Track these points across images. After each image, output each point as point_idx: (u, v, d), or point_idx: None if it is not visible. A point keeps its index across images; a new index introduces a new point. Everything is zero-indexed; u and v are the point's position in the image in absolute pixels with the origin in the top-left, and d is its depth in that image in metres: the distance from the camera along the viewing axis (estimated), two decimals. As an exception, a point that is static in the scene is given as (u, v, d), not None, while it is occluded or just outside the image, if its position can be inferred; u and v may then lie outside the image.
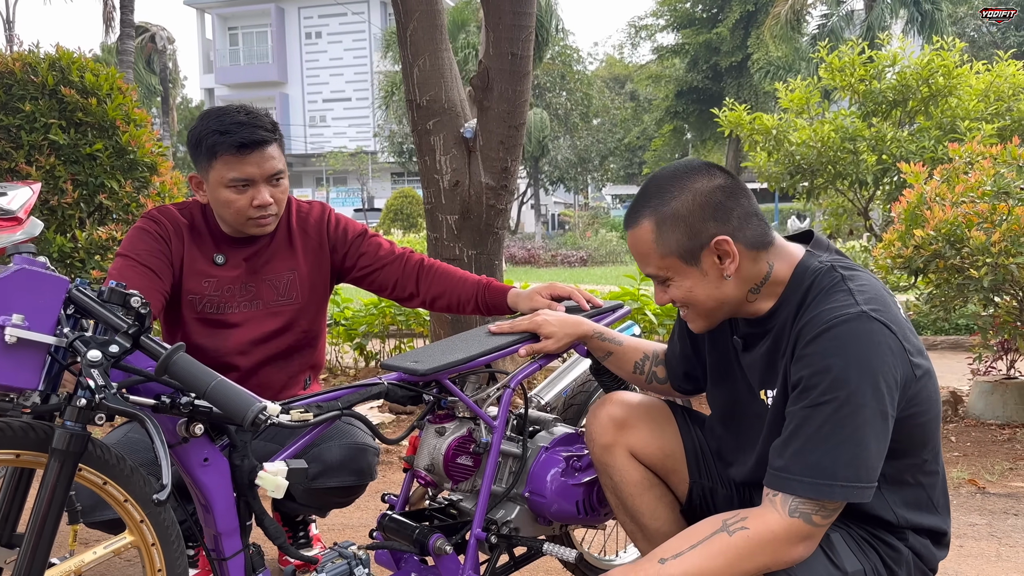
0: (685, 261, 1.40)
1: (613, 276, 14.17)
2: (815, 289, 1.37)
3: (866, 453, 1.26)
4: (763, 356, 1.46)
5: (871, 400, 1.25)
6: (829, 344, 1.27)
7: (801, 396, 1.29)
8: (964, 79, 6.18)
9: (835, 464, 1.25)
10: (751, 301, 1.44)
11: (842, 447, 1.25)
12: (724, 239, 1.38)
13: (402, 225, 22.95)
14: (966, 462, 3.51)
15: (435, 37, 3.66)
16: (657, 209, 1.41)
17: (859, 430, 1.25)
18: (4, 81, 4.23)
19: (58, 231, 4.25)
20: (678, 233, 1.39)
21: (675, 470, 1.69)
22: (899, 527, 1.39)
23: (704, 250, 1.39)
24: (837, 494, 1.26)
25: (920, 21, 20.80)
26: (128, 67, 17.38)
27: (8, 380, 1.24)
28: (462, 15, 23.10)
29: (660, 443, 1.68)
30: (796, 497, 1.28)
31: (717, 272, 1.40)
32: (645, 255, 1.44)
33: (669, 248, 1.40)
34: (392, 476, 3.37)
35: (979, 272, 3.53)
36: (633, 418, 1.69)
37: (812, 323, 1.31)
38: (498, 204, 3.72)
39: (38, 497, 1.31)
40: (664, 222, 1.40)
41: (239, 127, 1.88)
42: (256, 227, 1.98)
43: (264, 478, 1.44)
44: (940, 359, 6.00)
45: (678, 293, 1.44)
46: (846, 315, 1.28)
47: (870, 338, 1.26)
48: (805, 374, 1.29)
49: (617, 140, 33.93)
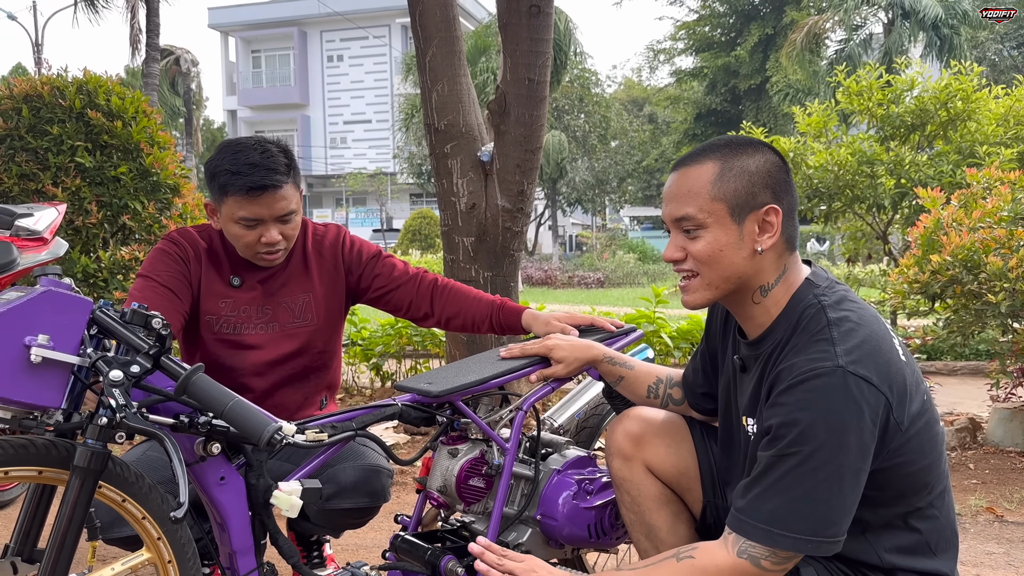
0: (732, 214, 1.37)
1: (630, 298, 14.15)
2: (801, 330, 1.36)
3: (825, 508, 1.25)
4: (752, 383, 1.46)
5: (837, 456, 1.24)
6: (801, 397, 1.27)
7: (769, 444, 1.30)
8: (983, 103, 6.17)
9: (790, 516, 1.26)
10: (756, 302, 1.42)
11: (800, 501, 1.26)
12: (775, 208, 1.37)
13: (420, 246, 23.06)
14: (984, 490, 3.47)
15: (453, 63, 3.72)
16: (727, 157, 1.39)
17: (820, 486, 1.25)
18: (33, 104, 4.33)
19: (82, 251, 4.32)
20: (739, 184, 1.37)
21: (689, 488, 1.69)
22: (887, 569, 1.37)
23: (752, 212, 1.37)
24: (787, 544, 1.26)
25: (939, 46, 20.75)
26: (153, 89, 17.66)
27: (33, 398, 1.27)
28: (483, 40, 23.30)
29: (675, 460, 1.69)
30: (747, 540, 1.29)
31: (751, 241, 1.38)
32: (694, 193, 1.38)
33: (724, 193, 1.37)
34: (406, 497, 3.38)
35: (997, 297, 3.51)
36: (650, 434, 1.70)
37: (788, 371, 1.31)
38: (514, 227, 3.75)
39: (59, 513, 1.34)
40: (731, 169, 1.38)
41: (251, 169, 1.88)
42: (263, 261, 2.02)
43: (279, 497, 1.46)
44: (959, 385, 5.94)
45: (702, 247, 1.38)
46: (821, 368, 1.26)
47: (844, 393, 1.24)
48: (775, 423, 1.30)
49: (635, 162, 33.98)
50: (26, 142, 4.26)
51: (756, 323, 1.44)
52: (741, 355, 1.52)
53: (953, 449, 4.05)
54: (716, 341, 1.67)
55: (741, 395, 1.51)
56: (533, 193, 3.82)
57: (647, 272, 21.84)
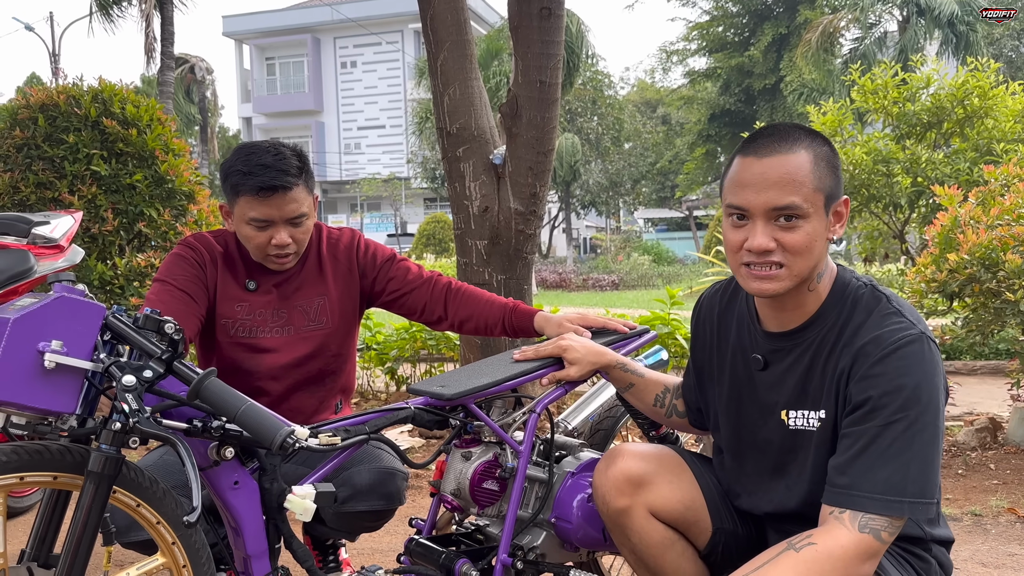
0: (826, 204, 1.37)
1: (644, 300, 14.11)
2: (859, 308, 1.38)
3: (930, 470, 1.29)
4: (791, 374, 1.44)
5: (935, 419, 1.29)
6: (899, 364, 1.30)
7: (870, 415, 1.31)
8: (1000, 100, 6.10)
9: (904, 481, 1.27)
10: (811, 290, 1.42)
11: (911, 464, 1.27)
12: (848, 199, 1.41)
13: (434, 250, 23.09)
14: (1006, 490, 3.42)
15: (465, 67, 3.72)
16: (813, 146, 1.38)
17: (925, 447, 1.28)
18: (49, 113, 4.38)
19: (99, 258, 4.36)
20: (829, 174, 1.37)
21: (696, 520, 1.62)
22: (924, 540, 1.42)
23: (834, 203, 1.39)
24: (906, 510, 1.27)
25: (955, 43, 20.58)
26: (168, 97, 17.80)
27: (47, 404, 1.28)
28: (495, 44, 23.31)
29: (680, 495, 1.60)
30: (866, 513, 1.28)
31: (829, 231, 1.39)
32: (798, 182, 1.34)
33: (822, 184, 1.36)
34: (422, 501, 3.38)
35: (1016, 295, 3.47)
36: (650, 473, 1.60)
37: (875, 344, 1.33)
38: (527, 229, 3.74)
39: (74, 518, 1.35)
40: (822, 159, 1.37)
41: (263, 170, 1.90)
42: (273, 264, 2.03)
43: (292, 501, 1.46)
44: (979, 385, 5.87)
45: (800, 238, 1.35)
46: (910, 336, 1.32)
47: (932, 359, 1.31)
48: (875, 394, 1.31)
49: (649, 164, 33.89)
50: (43, 151, 4.31)
51: (803, 311, 1.44)
52: (763, 351, 1.50)
53: (973, 449, 4.00)
54: (705, 352, 1.66)
55: (769, 392, 1.49)
56: (546, 196, 3.81)
57: (662, 274, 21.77)
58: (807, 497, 1.43)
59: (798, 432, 1.44)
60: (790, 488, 1.47)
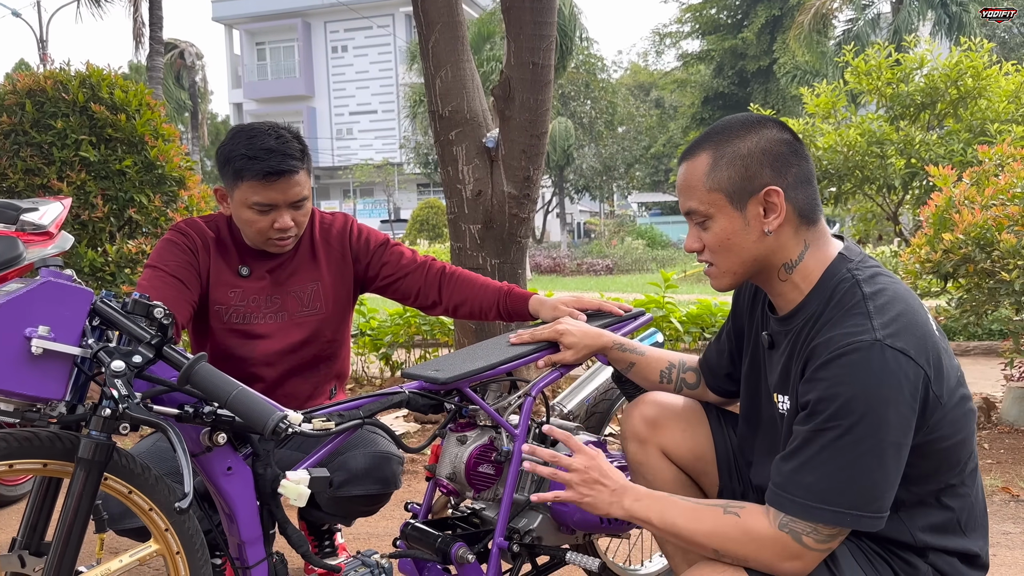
0: (731, 202, 1.37)
1: (639, 284, 14.12)
2: (835, 304, 1.34)
3: (868, 481, 1.24)
4: (781, 359, 1.44)
5: (878, 431, 1.22)
6: (839, 371, 1.25)
7: (807, 418, 1.29)
8: (994, 80, 6.09)
9: (829, 489, 1.24)
10: (783, 279, 1.41)
11: (839, 474, 1.24)
12: (775, 190, 1.35)
13: (428, 235, 23.06)
14: (1000, 470, 3.44)
15: (456, 48, 3.68)
16: (719, 145, 1.39)
17: (860, 459, 1.23)
18: (36, 99, 4.33)
19: (89, 245, 4.32)
20: (732, 171, 1.37)
21: (705, 472, 1.69)
22: (915, 547, 1.36)
23: (752, 197, 1.36)
24: (827, 518, 1.24)
25: (948, 24, 20.54)
26: (158, 83, 17.66)
27: (34, 390, 1.26)
28: (487, 27, 23.17)
29: (691, 444, 1.69)
30: (786, 515, 1.28)
31: (759, 224, 1.37)
32: (692, 187, 1.40)
33: (719, 183, 1.37)
34: (418, 485, 3.38)
35: (1011, 275, 3.47)
36: (664, 418, 1.70)
37: (825, 345, 1.29)
38: (521, 213, 3.72)
39: (64, 505, 1.33)
40: (722, 157, 1.37)
41: (268, 154, 1.88)
42: (274, 247, 2.01)
43: (286, 487, 1.45)
44: (972, 365, 5.89)
45: (712, 237, 1.40)
46: (859, 342, 1.25)
47: (882, 367, 1.23)
48: (812, 398, 1.28)
49: (643, 148, 33.82)
50: (30, 137, 4.26)
51: (787, 299, 1.43)
52: (770, 331, 1.50)
53: (967, 429, 4.01)
54: (743, 319, 1.65)
55: (771, 371, 1.49)
56: (539, 179, 3.79)
57: (656, 258, 21.78)
58: None
59: (782, 416, 1.46)
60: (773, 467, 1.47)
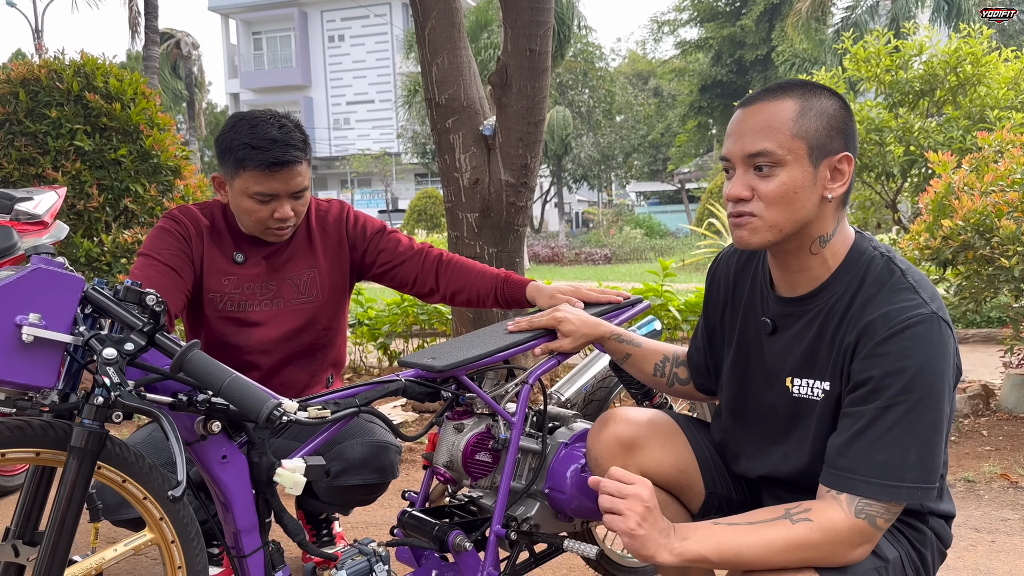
0: (810, 155, 1.31)
1: (637, 273, 14.11)
2: (872, 280, 1.33)
3: (931, 454, 1.25)
4: (799, 341, 1.41)
5: (938, 403, 1.25)
6: (904, 344, 1.25)
7: (871, 396, 1.27)
8: (993, 67, 6.07)
9: (903, 466, 1.24)
10: (814, 252, 1.37)
11: (911, 449, 1.24)
12: (850, 157, 1.33)
13: (426, 225, 23.00)
14: (998, 456, 3.44)
15: (453, 35, 3.66)
16: (806, 96, 1.33)
17: (927, 431, 1.24)
18: (31, 88, 4.30)
19: (85, 235, 4.30)
20: (820, 124, 1.31)
21: (689, 484, 1.62)
22: (921, 513, 1.39)
23: (828, 158, 1.32)
24: (903, 495, 1.24)
25: (947, 10, 20.44)
26: (154, 73, 17.56)
27: (26, 379, 1.25)
28: (485, 15, 23.06)
29: (673, 459, 1.60)
30: (863, 498, 1.25)
31: (822, 187, 1.33)
32: (774, 128, 1.31)
33: (806, 132, 1.30)
34: (415, 474, 3.37)
35: (1010, 262, 3.46)
36: (641, 436, 1.61)
37: (882, 320, 1.28)
38: (518, 201, 3.70)
39: (58, 494, 1.32)
40: (811, 108, 1.31)
41: (272, 144, 1.87)
42: (272, 236, 2.00)
43: (282, 475, 1.44)
44: (971, 352, 5.89)
45: (774, 187, 1.31)
46: (919, 315, 1.26)
47: (941, 340, 1.26)
48: (876, 374, 1.26)
49: (641, 137, 33.73)
50: (25, 126, 4.23)
51: (810, 275, 1.39)
52: (773, 315, 1.47)
53: (966, 416, 4.01)
54: (718, 311, 1.63)
55: (776, 357, 1.46)
56: (537, 167, 3.77)
57: (654, 247, 21.75)
58: (804, 468, 1.41)
59: (801, 400, 1.42)
60: (787, 455, 1.45)
